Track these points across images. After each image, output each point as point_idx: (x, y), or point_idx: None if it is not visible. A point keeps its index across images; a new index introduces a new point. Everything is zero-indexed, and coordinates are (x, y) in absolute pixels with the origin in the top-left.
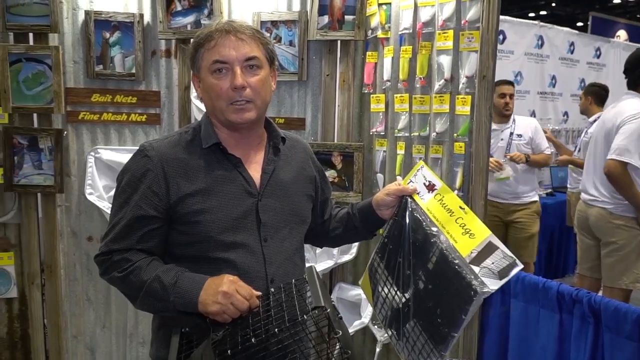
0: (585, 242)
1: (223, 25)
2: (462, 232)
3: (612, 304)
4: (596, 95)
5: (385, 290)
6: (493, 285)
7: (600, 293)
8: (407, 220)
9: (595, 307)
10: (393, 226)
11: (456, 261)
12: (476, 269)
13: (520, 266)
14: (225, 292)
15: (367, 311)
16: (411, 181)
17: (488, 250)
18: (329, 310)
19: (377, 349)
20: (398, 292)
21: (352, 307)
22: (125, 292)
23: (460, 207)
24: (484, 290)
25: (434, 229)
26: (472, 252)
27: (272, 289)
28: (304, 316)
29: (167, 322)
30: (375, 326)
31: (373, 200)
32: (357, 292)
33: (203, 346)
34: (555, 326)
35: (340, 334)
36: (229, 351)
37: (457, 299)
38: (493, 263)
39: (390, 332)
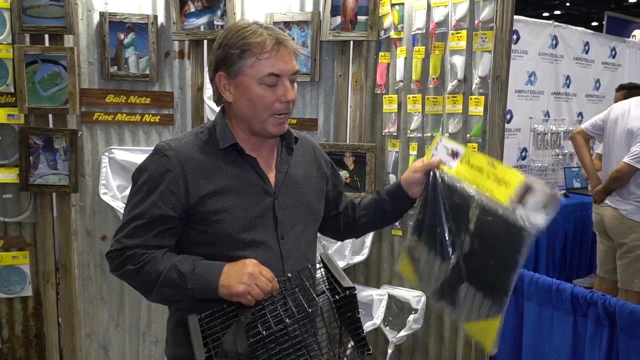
0: (604, 244)
1: (275, 37)
2: (497, 184)
3: (627, 307)
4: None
5: (429, 264)
6: (540, 220)
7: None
8: (440, 190)
9: (610, 310)
10: (425, 202)
11: (500, 211)
12: (521, 212)
13: (560, 194)
14: (251, 273)
15: (379, 312)
16: (433, 155)
17: (527, 191)
18: (356, 291)
19: (389, 350)
20: (444, 262)
21: (364, 308)
22: (139, 285)
23: (489, 163)
24: (534, 226)
25: (469, 189)
26: (511, 198)
27: (289, 274)
28: (336, 296)
29: (184, 320)
30: (388, 327)
31: (402, 181)
32: (369, 293)
33: (233, 329)
34: (570, 329)
35: (362, 313)
36: (263, 332)
37: (509, 246)
38: (536, 201)
39: (442, 304)
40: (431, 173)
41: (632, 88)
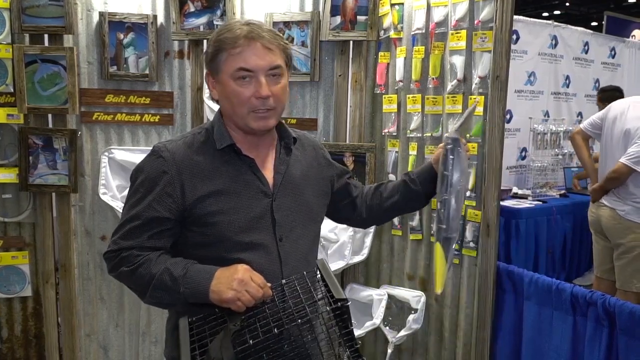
0: (600, 243)
1: (248, 32)
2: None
3: (627, 307)
4: (612, 99)
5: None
6: (454, 126)
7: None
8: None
9: (610, 309)
10: None
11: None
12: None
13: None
14: (241, 279)
15: (379, 312)
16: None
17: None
18: (349, 303)
19: (389, 350)
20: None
21: (363, 308)
22: (133, 287)
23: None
24: (450, 134)
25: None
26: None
27: (284, 280)
28: (327, 308)
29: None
30: (387, 327)
31: (432, 159)
32: (368, 293)
33: (221, 336)
34: (569, 329)
35: (355, 323)
36: (250, 341)
37: (443, 164)
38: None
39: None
40: None
41: (607, 91)
